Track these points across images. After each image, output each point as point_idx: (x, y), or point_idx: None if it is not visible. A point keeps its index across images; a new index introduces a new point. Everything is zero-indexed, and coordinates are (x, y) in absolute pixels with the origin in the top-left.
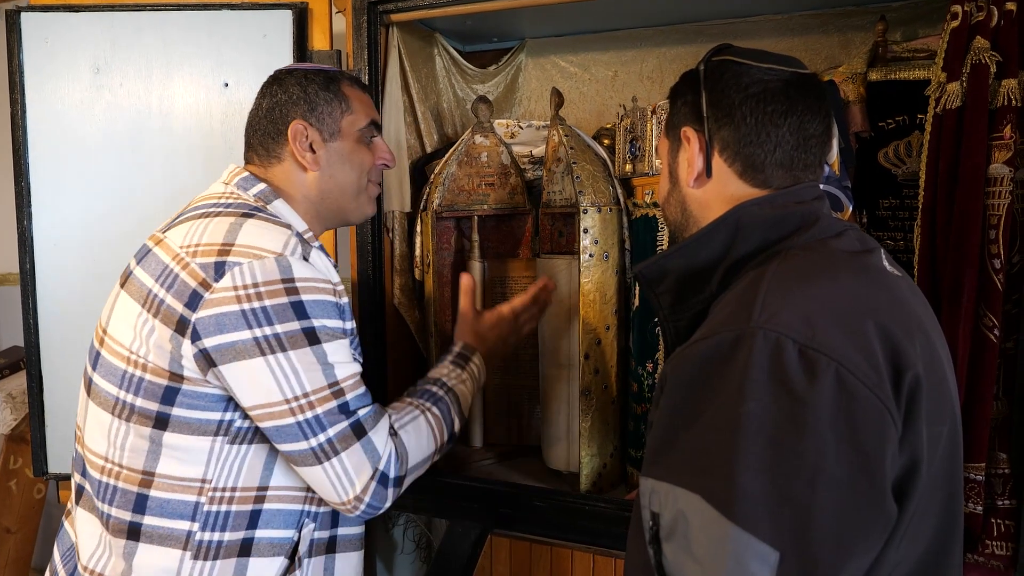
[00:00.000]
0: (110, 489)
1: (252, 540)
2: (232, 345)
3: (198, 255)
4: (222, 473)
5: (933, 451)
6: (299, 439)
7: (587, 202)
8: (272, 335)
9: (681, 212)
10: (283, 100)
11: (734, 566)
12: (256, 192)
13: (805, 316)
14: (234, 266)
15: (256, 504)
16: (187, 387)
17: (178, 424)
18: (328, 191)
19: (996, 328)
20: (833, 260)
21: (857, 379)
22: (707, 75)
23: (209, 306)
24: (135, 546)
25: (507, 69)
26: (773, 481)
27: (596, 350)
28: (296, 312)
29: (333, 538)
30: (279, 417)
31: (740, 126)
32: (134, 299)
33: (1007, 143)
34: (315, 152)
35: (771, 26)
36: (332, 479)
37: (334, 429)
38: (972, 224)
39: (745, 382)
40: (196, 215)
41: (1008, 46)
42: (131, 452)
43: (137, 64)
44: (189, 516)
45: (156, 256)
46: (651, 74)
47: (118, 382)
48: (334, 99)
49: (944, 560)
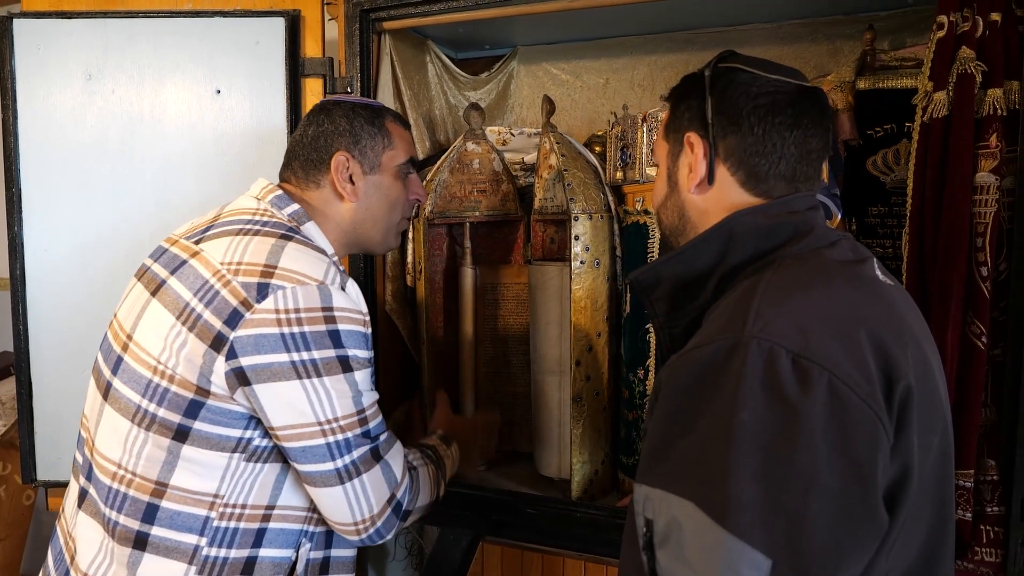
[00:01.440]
0: (120, 496)
1: (256, 559)
2: (269, 366)
3: (240, 273)
4: (235, 490)
5: (924, 460)
6: (326, 460)
7: (578, 209)
8: (309, 360)
9: (679, 218)
10: (329, 131)
11: (727, 573)
12: (290, 212)
13: (799, 325)
14: (277, 289)
15: (263, 522)
16: (212, 402)
17: (198, 438)
18: (361, 221)
19: (984, 335)
20: (826, 270)
21: (850, 389)
22: (714, 81)
23: (249, 326)
24: (140, 556)
25: (499, 76)
26: (766, 490)
27: (587, 357)
28: (333, 340)
29: (327, 559)
30: (310, 438)
31: (747, 135)
32: (168, 310)
33: (993, 152)
34: (355, 184)
35: (762, 34)
36: (351, 499)
37: (358, 452)
38: (959, 232)
39: (739, 391)
40: (233, 231)
41: (993, 56)
42: (147, 461)
43: (129, 71)
44: (198, 530)
45: (195, 269)
46: (642, 82)
47: (141, 390)
48: (378, 134)
49: (935, 568)
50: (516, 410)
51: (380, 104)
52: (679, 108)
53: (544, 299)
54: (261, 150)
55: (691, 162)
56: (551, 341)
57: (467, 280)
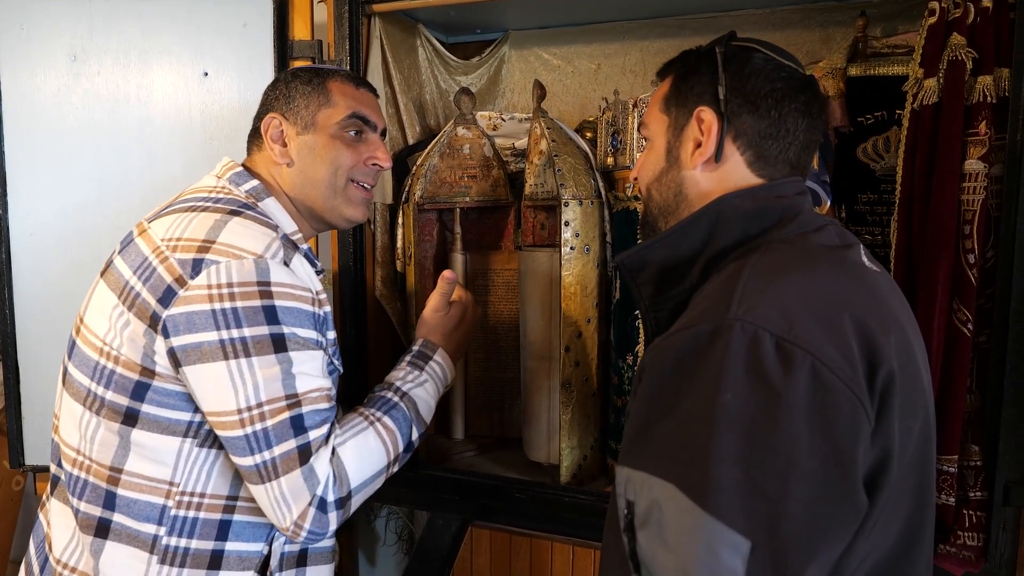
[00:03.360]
0: (80, 482)
1: (222, 553)
2: (198, 346)
3: (178, 250)
4: (190, 477)
5: (905, 445)
6: (245, 453)
7: (569, 195)
8: (239, 338)
9: (674, 195)
10: (267, 96)
11: (706, 554)
12: (248, 188)
13: (782, 309)
14: (211, 264)
15: (225, 514)
16: (158, 383)
17: (147, 422)
18: (301, 185)
19: (970, 322)
20: (812, 254)
21: (832, 373)
22: (728, 59)
23: (181, 303)
24: (103, 543)
25: (490, 61)
26: (747, 472)
27: (577, 343)
28: (267, 316)
29: (304, 551)
30: (229, 428)
31: (764, 117)
32: (111, 290)
33: (982, 139)
34: (287, 145)
35: (754, 20)
36: (272, 501)
37: (280, 448)
38: (948, 219)
39: (722, 374)
40: (183, 208)
41: (984, 43)
42: (100, 446)
43: (115, 52)
44: (156, 520)
45: (137, 247)
46: (634, 67)
47: (90, 373)
48: (312, 92)
49: (913, 551)
50: (505, 396)
51: (336, 68)
52: (686, 82)
53: (534, 285)
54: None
55: (698, 137)
56: (541, 327)
57: (457, 266)
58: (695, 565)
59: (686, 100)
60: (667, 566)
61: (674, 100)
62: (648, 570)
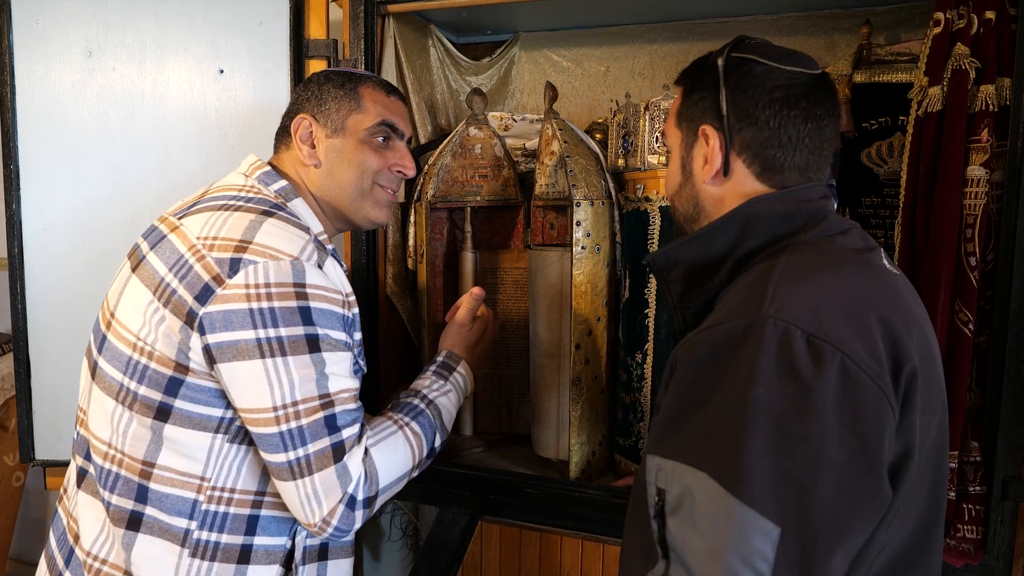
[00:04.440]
0: (112, 476)
1: (251, 547)
2: (235, 344)
3: (215, 249)
4: (221, 472)
5: (924, 440)
6: (279, 450)
7: (580, 195)
8: (275, 337)
9: (693, 207)
10: (301, 96)
11: (738, 539)
12: (277, 188)
13: (813, 308)
14: (249, 264)
15: (254, 509)
16: (191, 379)
17: (179, 417)
18: (328, 187)
19: (971, 323)
20: (839, 256)
21: (860, 369)
22: (728, 72)
23: (219, 302)
24: (134, 536)
25: (500, 62)
26: (778, 462)
27: (587, 340)
28: (303, 318)
29: (325, 545)
30: (264, 425)
31: (763, 129)
32: (146, 286)
33: (984, 146)
34: (315, 147)
35: (761, 26)
36: (302, 498)
37: (315, 446)
38: (950, 223)
39: (755, 368)
40: (216, 206)
41: (987, 53)
42: (133, 440)
43: (131, 48)
44: (187, 514)
45: (172, 244)
46: (643, 70)
47: (123, 368)
48: (344, 96)
49: (927, 542)
50: (513, 393)
51: (368, 73)
52: (692, 97)
53: (545, 284)
54: (265, 131)
55: (706, 154)
56: (551, 325)
57: (467, 264)
58: (726, 549)
59: (693, 116)
60: (698, 550)
61: (684, 116)
62: (678, 555)
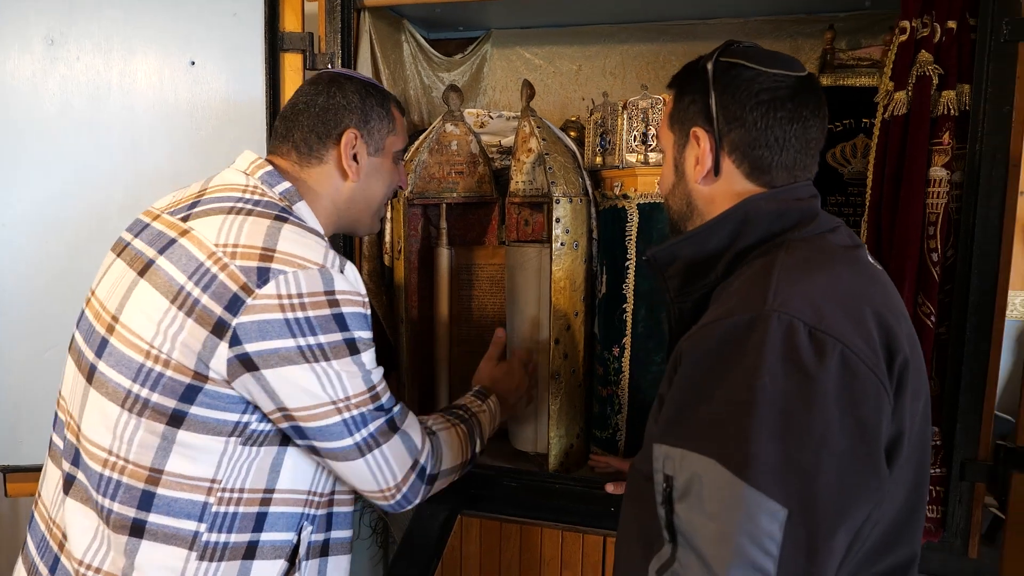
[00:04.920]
0: (112, 483)
1: (257, 543)
2: (276, 352)
3: (237, 257)
4: (232, 474)
5: (912, 424)
6: (344, 436)
7: (559, 192)
8: (316, 345)
9: (686, 205)
10: (341, 104)
11: (746, 521)
12: (282, 191)
13: (813, 302)
14: (279, 274)
15: (262, 506)
16: (210, 387)
17: (194, 423)
18: (357, 201)
19: (932, 315)
20: (832, 254)
21: (859, 359)
22: (716, 76)
23: (251, 312)
24: (138, 543)
25: (473, 59)
26: (784, 448)
27: (566, 335)
28: (338, 324)
29: (327, 541)
30: (325, 417)
31: (751, 130)
32: (161, 293)
33: (945, 148)
34: (358, 163)
35: (729, 29)
36: (374, 469)
37: (374, 425)
38: (914, 221)
39: (760, 359)
40: (224, 208)
41: (948, 60)
42: (140, 447)
43: (96, 38)
44: (197, 516)
45: (187, 250)
46: (614, 70)
47: (132, 375)
48: (385, 116)
49: (913, 519)
50: None
51: (387, 90)
52: (683, 101)
53: (523, 279)
54: (238, 125)
55: (697, 155)
56: (530, 320)
57: (443, 261)
58: (736, 531)
59: (684, 119)
60: (707, 533)
61: (676, 118)
62: (687, 539)
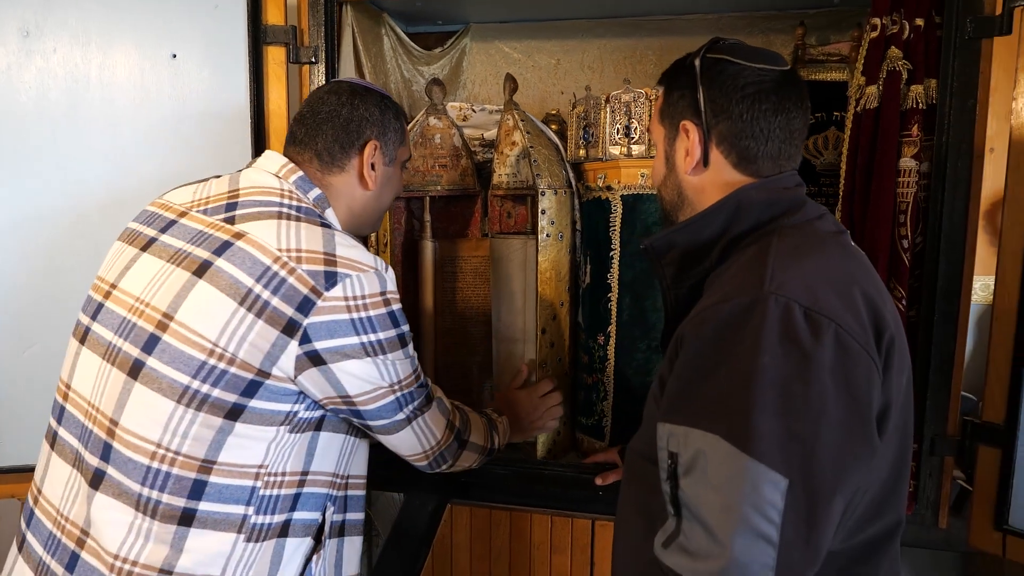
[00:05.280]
0: (161, 475)
1: (290, 521)
2: (342, 348)
3: (303, 261)
4: (277, 459)
5: (898, 396)
6: (397, 412)
7: (544, 185)
8: (376, 341)
9: (677, 195)
10: (364, 116)
11: (751, 491)
12: (315, 197)
13: (807, 285)
14: (345, 278)
15: (299, 488)
16: (271, 383)
17: (252, 415)
18: (371, 208)
19: (903, 299)
20: (822, 239)
21: (851, 337)
22: (704, 71)
23: (322, 313)
24: (186, 531)
25: (452, 52)
26: (784, 422)
27: (552, 325)
28: (392, 321)
29: (344, 522)
30: (383, 397)
31: (737, 122)
32: (227, 295)
33: (914, 140)
34: (375, 172)
35: (704, 25)
36: (419, 435)
37: (417, 400)
38: (886, 209)
39: (760, 339)
40: (272, 213)
41: (916, 56)
42: (194, 440)
43: (74, 29)
44: (245, 501)
45: (248, 253)
46: (592, 64)
47: (192, 372)
48: (399, 129)
49: (898, 487)
50: (473, 378)
51: (396, 102)
52: (673, 96)
53: (508, 271)
54: (222, 119)
55: (687, 147)
56: (515, 311)
57: (427, 253)
58: (740, 501)
59: (674, 113)
60: (712, 504)
61: (665, 113)
62: (692, 511)
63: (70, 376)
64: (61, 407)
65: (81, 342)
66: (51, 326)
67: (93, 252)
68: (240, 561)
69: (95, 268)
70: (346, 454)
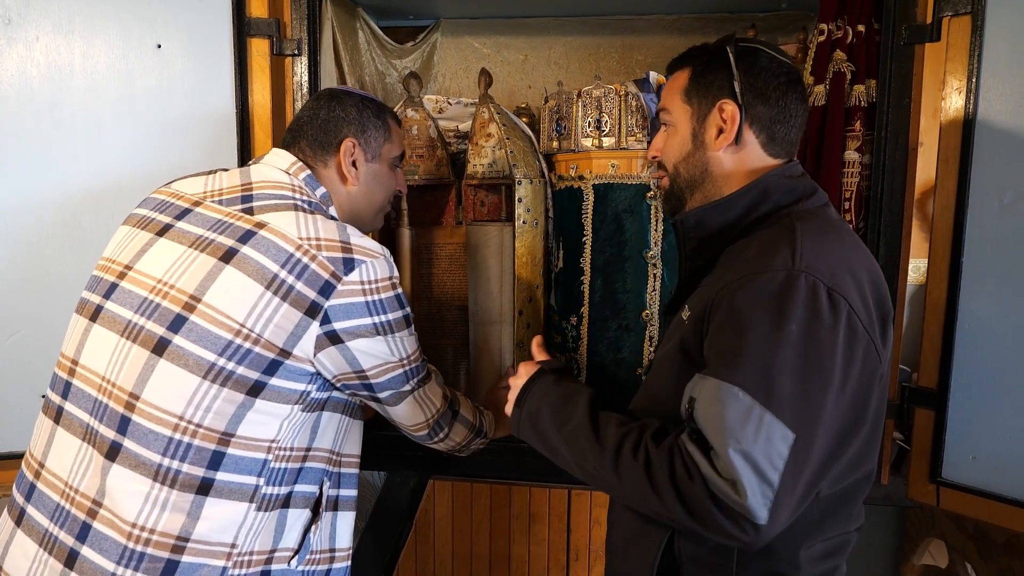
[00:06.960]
0: (183, 446)
1: (292, 493)
2: (357, 328)
3: (323, 249)
4: (288, 434)
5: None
6: (404, 384)
7: (520, 174)
8: (387, 321)
9: (700, 172)
10: (340, 117)
11: (765, 441)
12: (321, 195)
13: (829, 266)
14: (360, 263)
15: (302, 462)
16: (290, 363)
17: (271, 392)
18: (359, 204)
19: None
20: (836, 225)
21: (858, 319)
22: (739, 58)
23: (341, 296)
24: (203, 500)
25: (423, 47)
26: (799, 383)
27: (528, 307)
28: (399, 303)
29: (338, 497)
30: (392, 370)
31: (773, 106)
32: (254, 279)
33: (857, 135)
34: (357, 168)
35: (663, 25)
36: (421, 404)
37: (421, 373)
38: (831, 198)
39: (787, 310)
40: (289, 205)
41: (859, 59)
42: (216, 415)
43: (56, 17)
44: (257, 472)
45: (272, 241)
46: (559, 60)
47: (219, 350)
48: (380, 126)
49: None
50: (448, 360)
51: (381, 101)
52: (705, 77)
53: (485, 256)
54: (205, 108)
55: (720, 124)
56: (492, 294)
57: (405, 241)
58: (754, 450)
59: (707, 93)
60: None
61: (695, 92)
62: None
63: (76, 352)
64: (66, 382)
65: (92, 320)
66: (33, 315)
67: (75, 240)
68: (251, 529)
69: (77, 256)
70: (342, 432)
